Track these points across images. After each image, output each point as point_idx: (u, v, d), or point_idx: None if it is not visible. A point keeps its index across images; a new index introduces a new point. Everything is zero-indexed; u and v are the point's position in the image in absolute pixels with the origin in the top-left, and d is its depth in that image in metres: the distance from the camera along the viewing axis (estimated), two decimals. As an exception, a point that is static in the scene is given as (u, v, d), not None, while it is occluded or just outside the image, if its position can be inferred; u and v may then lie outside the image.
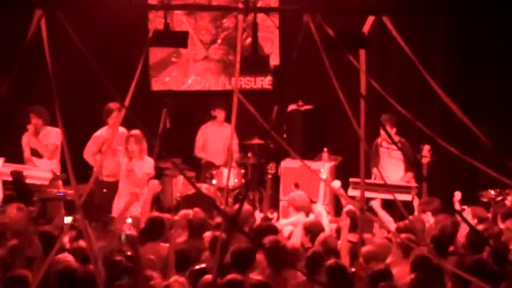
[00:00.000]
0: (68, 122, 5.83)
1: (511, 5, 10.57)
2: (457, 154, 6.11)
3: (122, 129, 9.63)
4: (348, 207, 7.90)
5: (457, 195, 8.65)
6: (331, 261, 6.43)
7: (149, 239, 7.23)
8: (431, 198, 8.58)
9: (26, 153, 9.67)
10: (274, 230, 7.50)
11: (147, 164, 9.30)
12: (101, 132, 9.72)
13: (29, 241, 6.84)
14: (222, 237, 5.87)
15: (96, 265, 5.63)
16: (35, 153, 9.62)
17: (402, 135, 9.77)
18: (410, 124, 6.26)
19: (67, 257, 6.46)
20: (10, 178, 8.89)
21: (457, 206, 8.54)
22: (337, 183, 8.75)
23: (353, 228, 7.59)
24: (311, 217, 8.43)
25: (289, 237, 8.03)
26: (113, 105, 9.52)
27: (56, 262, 6.15)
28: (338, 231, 7.75)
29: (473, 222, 7.87)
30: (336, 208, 9.98)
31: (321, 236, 7.26)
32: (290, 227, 8.35)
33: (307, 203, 8.56)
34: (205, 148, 10.91)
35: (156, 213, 7.94)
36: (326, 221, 8.24)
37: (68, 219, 8.28)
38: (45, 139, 9.63)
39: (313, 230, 7.47)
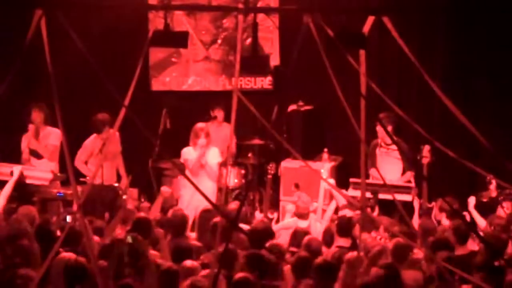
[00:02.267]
0: (68, 122, 5.83)
1: (510, 5, 10.56)
2: (455, 157, 6.11)
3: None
4: (343, 211, 7.92)
5: (472, 200, 8.65)
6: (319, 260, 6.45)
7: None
8: (451, 200, 8.57)
9: (25, 154, 9.62)
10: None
11: (215, 154, 9.51)
12: (92, 140, 9.63)
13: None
14: (220, 239, 5.87)
15: (96, 264, 5.63)
16: (34, 154, 9.61)
17: (401, 135, 9.77)
18: (409, 124, 6.25)
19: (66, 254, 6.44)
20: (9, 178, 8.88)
21: (472, 211, 8.54)
22: (331, 181, 8.76)
23: (343, 233, 7.60)
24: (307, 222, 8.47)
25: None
26: (102, 118, 9.44)
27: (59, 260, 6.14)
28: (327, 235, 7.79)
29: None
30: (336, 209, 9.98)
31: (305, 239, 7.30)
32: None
33: (308, 209, 8.59)
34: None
35: (142, 214, 7.91)
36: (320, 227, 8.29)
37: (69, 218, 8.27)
38: (45, 140, 9.62)
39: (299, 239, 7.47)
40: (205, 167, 9.43)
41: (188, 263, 6.45)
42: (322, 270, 6.31)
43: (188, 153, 9.54)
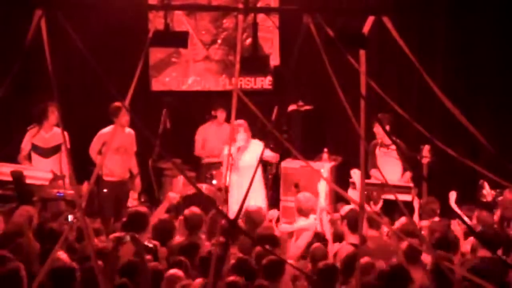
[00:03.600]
0: (68, 122, 5.83)
1: (510, 5, 10.58)
2: (456, 155, 6.10)
3: (128, 130, 9.61)
4: (345, 208, 7.93)
5: (452, 194, 8.65)
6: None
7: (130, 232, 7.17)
8: (433, 200, 8.56)
9: (24, 151, 9.54)
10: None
11: (258, 144, 9.46)
12: (108, 130, 9.58)
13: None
14: (220, 239, 5.86)
15: (96, 263, 5.62)
16: (40, 151, 9.51)
17: (401, 135, 9.78)
18: (409, 124, 6.25)
19: (61, 255, 6.44)
20: (10, 178, 8.88)
21: (454, 206, 8.54)
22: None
23: (354, 229, 7.59)
24: (311, 219, 8.44)
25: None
26: (119, 103, 9.39)
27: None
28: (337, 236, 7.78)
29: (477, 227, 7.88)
30: (337, 209, 9.98)
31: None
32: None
33: (312, 207, 8.55)
34: (204, 148, 10.92)
35: (140, 208, 7.90)
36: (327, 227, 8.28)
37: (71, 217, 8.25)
38: (54, 140, 9.53)
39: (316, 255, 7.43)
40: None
41: (172, 270, 6.42)
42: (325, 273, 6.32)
43: (227, 150, 9.51)
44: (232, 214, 8.80)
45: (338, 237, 7.78)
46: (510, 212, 8.18)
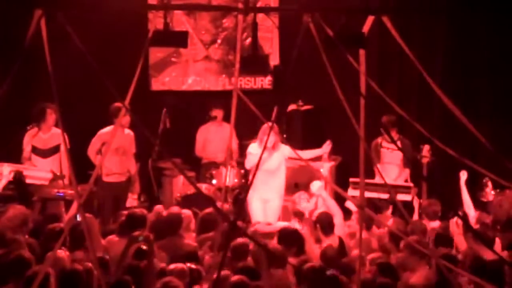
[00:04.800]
0: (68, 122, 5.83)
1: (510, 5, 10.58)
2: (455, 155, 6.11)
3: (128, 131, 9.60)
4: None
5: (463, 174, 8.59)
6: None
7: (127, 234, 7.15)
8: (435, 202, 8.56)
9: (26, 153, 9.54)
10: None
11: (285, 151, 9.39)
12: (107, 131, 9.56)
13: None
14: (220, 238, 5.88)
15: (97, 263, 5.63)
16: (39, 152, 9.51)
17: (401, 135, 9.78)
18: (409, 124, 6.26)
19: (62, 253, 6.43)
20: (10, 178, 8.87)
21: (464, 188, 8.48)
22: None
23: (328, 231, 7.59)
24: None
25: None
26: (119, 104, 9.37)
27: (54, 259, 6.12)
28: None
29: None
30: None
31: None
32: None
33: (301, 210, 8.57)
34: (205, 148, 10.92)
35: (138, 210, 7.89)
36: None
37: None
38: (53, 141, 9.52)
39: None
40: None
41: (179, 266, 6.42)
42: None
43: (253, 149, 9.43)
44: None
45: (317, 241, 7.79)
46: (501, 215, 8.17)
